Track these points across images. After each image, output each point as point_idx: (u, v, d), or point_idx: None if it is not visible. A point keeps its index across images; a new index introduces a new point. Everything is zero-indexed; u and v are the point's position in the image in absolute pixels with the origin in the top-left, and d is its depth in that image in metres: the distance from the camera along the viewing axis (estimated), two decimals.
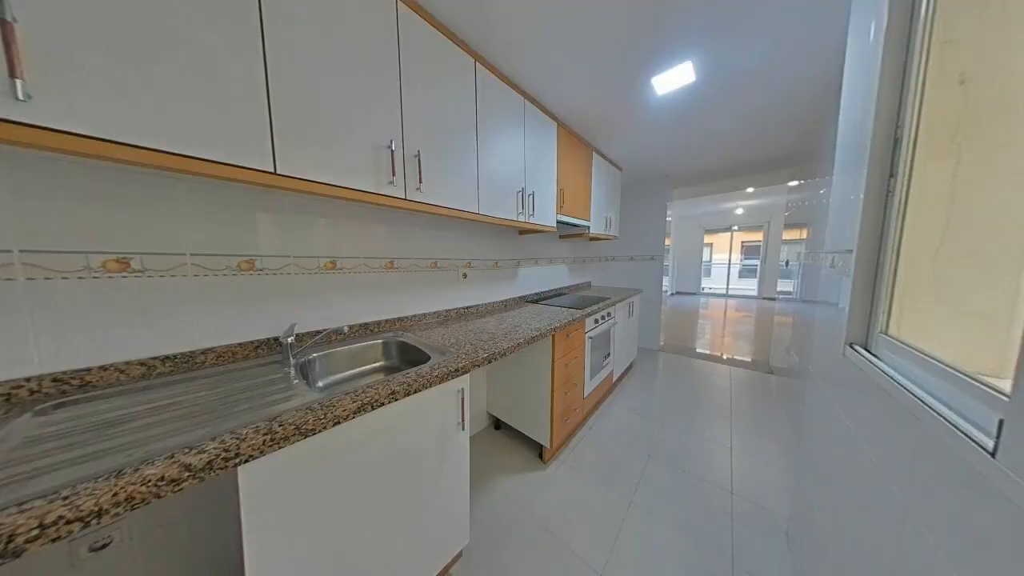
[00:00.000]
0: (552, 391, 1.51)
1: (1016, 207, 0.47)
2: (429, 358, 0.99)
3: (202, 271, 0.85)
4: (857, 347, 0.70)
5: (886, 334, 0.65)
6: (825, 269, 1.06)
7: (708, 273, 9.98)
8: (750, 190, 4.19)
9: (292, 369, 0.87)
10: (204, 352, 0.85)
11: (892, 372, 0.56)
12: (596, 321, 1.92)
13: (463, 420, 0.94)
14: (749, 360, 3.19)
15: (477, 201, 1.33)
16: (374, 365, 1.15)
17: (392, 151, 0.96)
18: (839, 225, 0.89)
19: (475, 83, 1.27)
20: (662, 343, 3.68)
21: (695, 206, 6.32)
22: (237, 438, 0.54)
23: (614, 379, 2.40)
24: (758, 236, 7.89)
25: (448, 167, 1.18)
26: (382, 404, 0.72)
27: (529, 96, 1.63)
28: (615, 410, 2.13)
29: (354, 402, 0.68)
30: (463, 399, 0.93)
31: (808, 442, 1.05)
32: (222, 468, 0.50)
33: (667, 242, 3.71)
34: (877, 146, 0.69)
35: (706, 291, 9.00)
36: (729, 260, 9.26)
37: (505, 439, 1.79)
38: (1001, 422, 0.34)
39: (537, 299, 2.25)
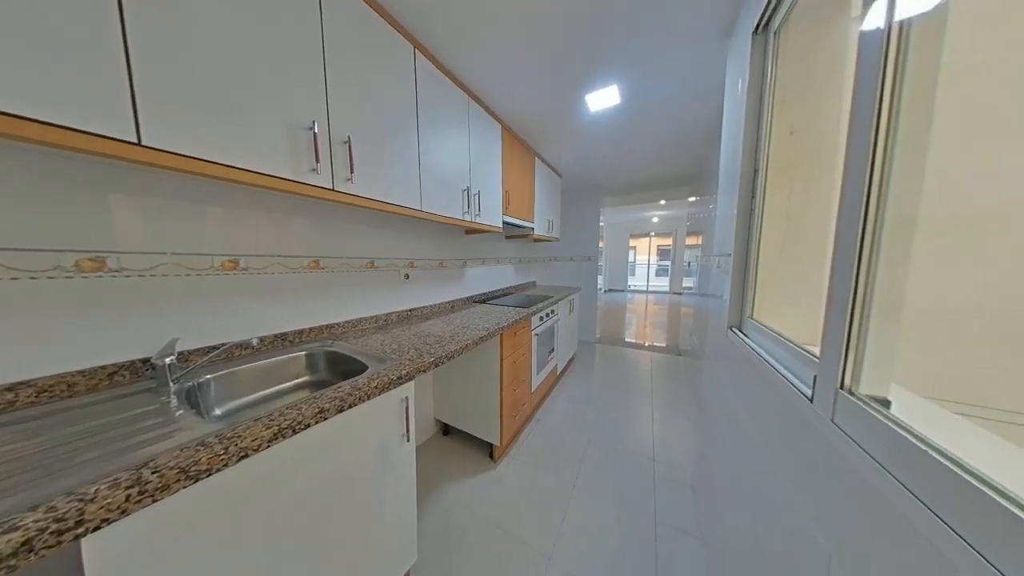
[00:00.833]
0: (501, 389, 1.53)
1: (820, 227, 0.66)
2: (366, 367, 0.90)
3: (14, 272, 0.61)
4: (735, 329, 0.90)
5: (752, 319, 0.85)
6: (714, 269, 1.33)
7: (633, 272, 11.45)
8: (662, 202, 4.96)
9: (173, 397, 0.69)
10: (12, 388, 0.61)
11: (755, 346, 0.74)
12: (541, 319, 2.03)
13: (408, 431, 0.89)
14: (664, 345, 3.78)
15: (420, 197, 1.26)
16: (297, 382, 1.00)
17: (315, 134, 0.84)
18: (722, 234, 1.12)
19: (415, 72, 1.21)
20: (598, 336, 4.08)
21: (622, 214, 7.19)
22: (80, 499, 0.40)
23: (558, 372, 2.56)
24: (669, 241, 9.39)
25: (386, 158, 1.10)
26: (308, 426, 0.63)
27: (474, 95, 1.62)
28: (559, 401, 2.28)
29: (268, 428, 0.58)
30: (408, 408, 0.88)
31: (705, 409, 1.30)
32: (49, 547, 0.36)
33: (600, 244, 4.15)
34: (744, 174, 0.90)
35: (631, 288, 10.32)
36: (648, 261, 10.81)
37: (454, 444, 1.75)
38: (815, 377, 0.48)
39: (485, 299, 2.25)
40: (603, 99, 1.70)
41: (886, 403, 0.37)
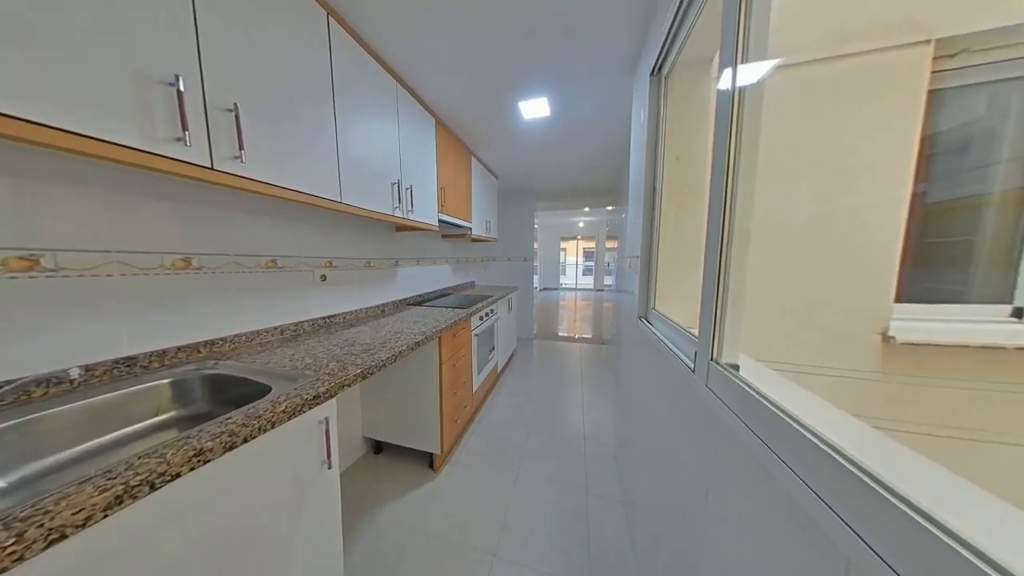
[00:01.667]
0: (441, 394, 1.48)
1: (697, 235, 0.84)
2: (269, 389, 0.75)
3: None
4: (642, 319, 1.08)
5: (655, 309, 1.03)
6: (627, 269, 1.56)
7: (564, 272, 12.50)
8: (586, 209, 5.54)
9: None
10: None
11: (657, 332, 0.89)
12: (481, 319, 2.03)
13: (329, 456, 0.78)
14: (591, 337, 4.24)
15: (339, 188, 1.12)
16: (158, 420, 0.76)
17: (180, 92, 0.65)
18: (632, 239, 1.33)
19: (329, 41, 1.06)
20: (535, 332, 4.32)
21: (553, 217, 7.76)
22: None
23: (499, 370, 2.61)
24: (593, 243, 10.57)
25: (291, 138, 0.93)
26: (177, 475, 0.48)
27: (404, 83, 1.51)
28: (500, 398, 2.33)
29: (105, 490, 0.42)
30: (328, 430, 0.77)
31: (623, 388, 1.52)
32: None
33: (535, 246, 4.41)
34: (646, 191, 1.08)
35: (563, 287, 11.24)
36: (576, 261, 11.95)
37: (388, 461, 1.61)
38: (696, 353, 0.61)
39: (421, 301, 2.14)
40: (535, 109, 1.80)
41: (736, 368, 0.51)
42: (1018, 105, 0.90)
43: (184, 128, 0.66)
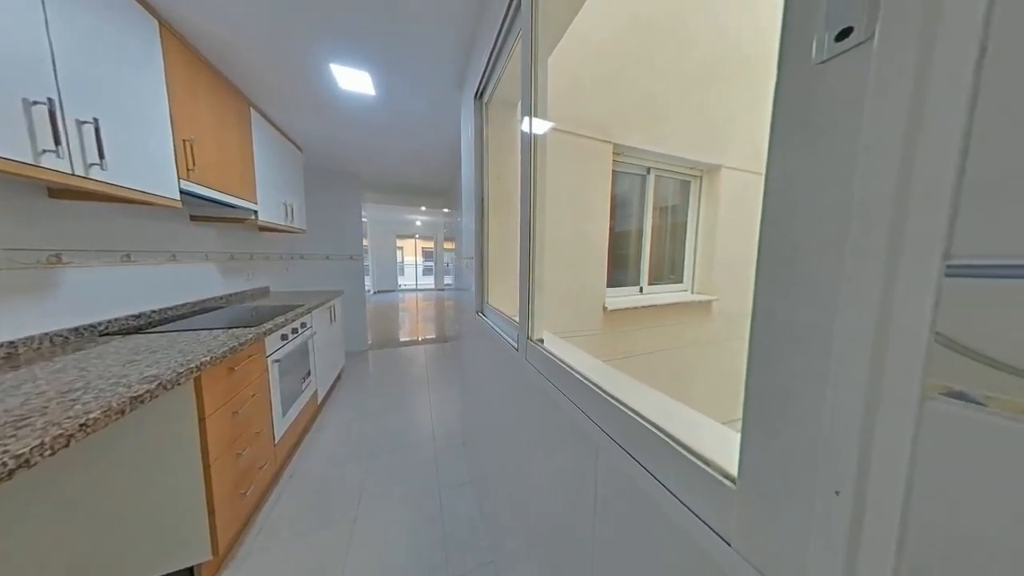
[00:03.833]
0: (207, 468, 0.95)
1: (514, 242, 1.04)
2: None
3: None
4: (479, 313, 1.22)
5: (489, 304, 1.19)
6: (464, 268, 1.70)
7: (402, 272, 11.70)
8: (423, 208, 5.47)
9: None
10: None
11: (491, 323, 1.04)
12: (284, 337, 1.52)
13: None
14: (435, 336, 4.25)
15: None
16: None
17: None
18: (467, 242, 1.46)
19: None
20: (370, 342, 3.76)
21: (388, 213, 7.05)
22: None
23: (320, 398, 2.06)
24: (432, 244, 10.60)
25: None
26: None
27: None
28: (327, 432, 1.86)
29: None
30: None
31: (466, 378, 1.65)
32: None
33: (365, 242, 3.82)
34: (476, 201, 1.22)
35: (402, 288, 10.51)
36: (416, 261, 11.54)
37: None
38: (518, 335, 0.77)
39: (147, 324, 1.30)
40: (355, 81, 1.55)
41: (542, 341, 0.69)
42: (639, 187, 1.82)
43: None
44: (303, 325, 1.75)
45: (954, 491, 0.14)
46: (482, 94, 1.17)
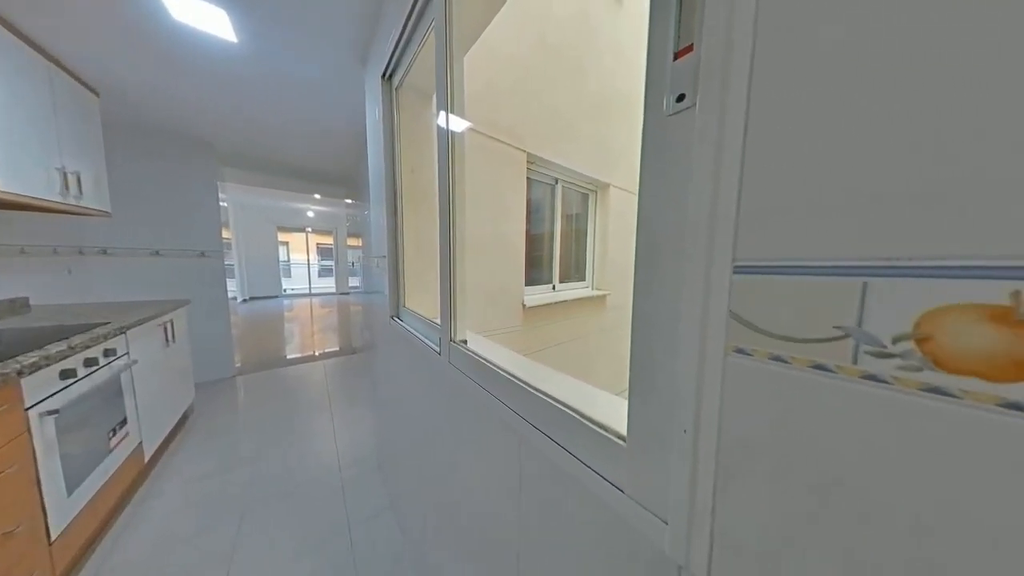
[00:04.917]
0: None
1: (434, 240, 1.00)
2: None
3: None
4: (395, 317, 1.11)
5: (405, 307, 1.10)
6: (375, 268, 1.52)
7: (288, 274, 9.53)
8: (317, 196, 4.59)
9: None
10: None
11: (409, 327, 0.97)
12: (67, 375, 1.00)
13: None
14: (338, 348, 3.64)
15: None
16: None
17: None
18: (378, 239, 1.31)
19: None
20: (239, 364, 2.93)
21: (263, 197, 5.58)
22: None
23: (149, 453, 1.47)
24: (330, 239, 8.98)
25: None
26: None
27: None
28: (162, 500, 1.35)
29: None
30: None
31: (380, 392, 1.48)
32: None
33: (226, 235, 2.90)
34: (387, 194, 1.11)
35: (289, 292, 8.55)
36: (308, 260, 9.53)
37: None
38: (440, 338, 0.74)
39: None
40: (200, 16, 1.17)
41: (465, 342, 0.68)
42: (549, 195, 2.03)
43: None
44: (108, 353, 1.21)
45: (741, 411, 0.22)
46: (391, 76, 1.06)
